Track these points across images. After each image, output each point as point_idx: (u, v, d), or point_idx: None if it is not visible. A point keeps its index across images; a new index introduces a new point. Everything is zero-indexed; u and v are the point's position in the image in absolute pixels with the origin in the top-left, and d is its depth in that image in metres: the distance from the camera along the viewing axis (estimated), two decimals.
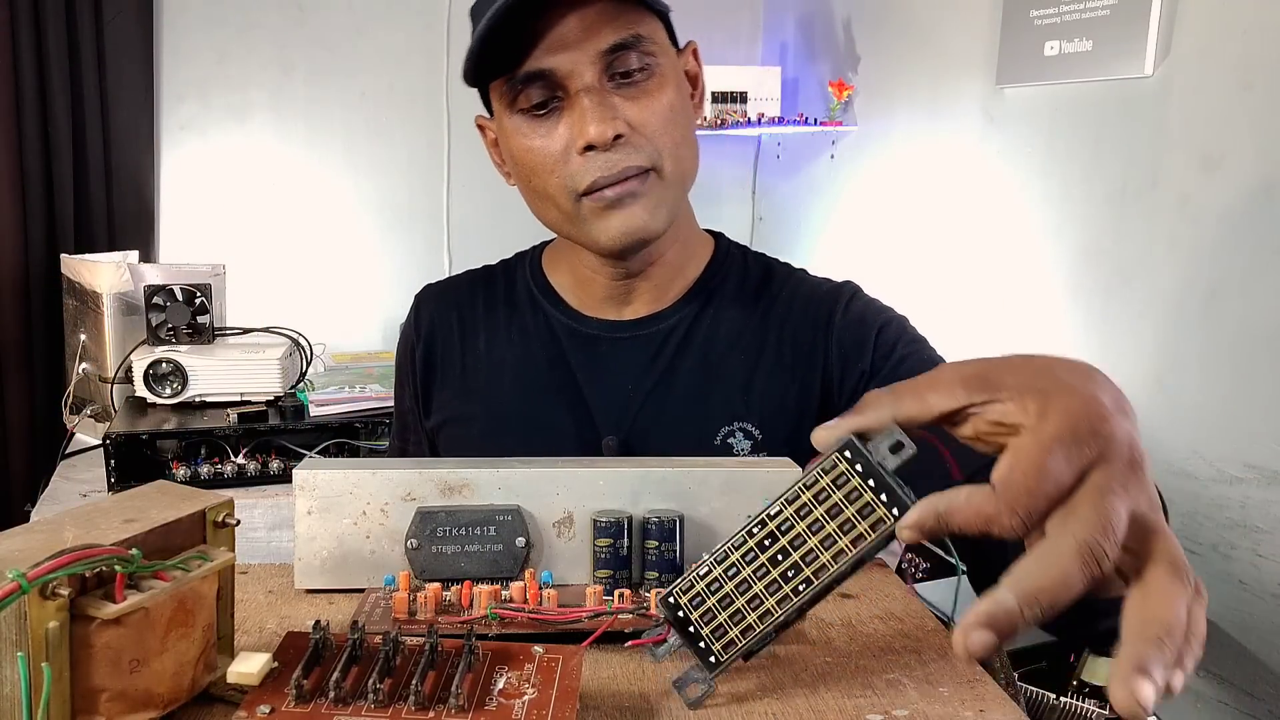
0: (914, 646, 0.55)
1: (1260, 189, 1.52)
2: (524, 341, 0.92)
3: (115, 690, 0.41)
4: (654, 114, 0.79)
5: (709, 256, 0.93)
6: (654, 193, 0.80)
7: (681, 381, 0.87)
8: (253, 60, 2.62)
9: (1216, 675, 1.61)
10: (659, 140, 0.79)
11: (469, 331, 0.95)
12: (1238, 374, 1.56)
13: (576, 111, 0.77)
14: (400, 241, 2.83)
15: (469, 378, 0.93)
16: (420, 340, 0.96)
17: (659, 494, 0.61)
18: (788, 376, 0.87)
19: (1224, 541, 1.58)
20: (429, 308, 0.98)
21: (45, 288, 2.36)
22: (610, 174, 0.77)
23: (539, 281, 0.95)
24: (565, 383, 0.89)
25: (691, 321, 0.89)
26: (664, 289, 0.90)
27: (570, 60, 0.76)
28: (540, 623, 0.54)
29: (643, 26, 0.78)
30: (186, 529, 0.46)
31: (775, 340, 0.88)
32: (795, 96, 2.83)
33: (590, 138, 0.76)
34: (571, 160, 0.78)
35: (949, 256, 2.27)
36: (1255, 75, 1.53)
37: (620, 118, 0.77)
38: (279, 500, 1.60)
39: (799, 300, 0.90)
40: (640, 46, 0.77)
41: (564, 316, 0.92)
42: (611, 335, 0.90)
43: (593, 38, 0.75)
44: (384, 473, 0.61)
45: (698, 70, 0.88)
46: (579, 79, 0.76)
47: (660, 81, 0.79)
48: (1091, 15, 1.81)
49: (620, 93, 0.78)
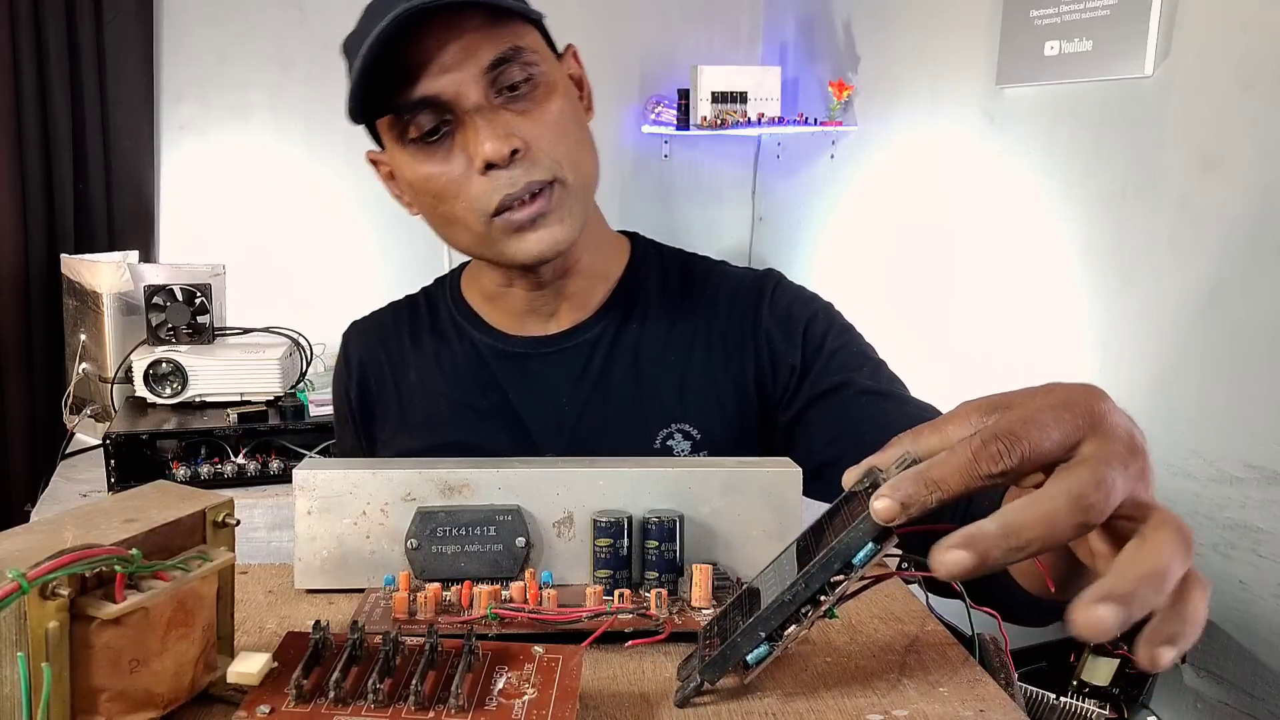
0: (914, 646, 0.55)
1: (1260, 189, 1.52)
2: (454, 369, 0.91)
3: (115, 690, 0.41)
4: (546, 125, 0.78)
5: (626, 259, 0.92)
6: (562, 205, 0.79)
7: (615, 390, 0.87)
8: (253, 60, 2.62)
9: (1216, 675, 1.61)
10: (556, 151, 0.78)
11: (399, 367, 0.93)
12: (1238, 374, 1.56)
13: (470, 132, 0.76)
14: (400, 241, 2.83)
15: (406, 412, 0.92)
16: (354, 381, 0.95)
17: (659, 494, 0.61)
18: (720, 374, 0.86)
19: (1224, 541, 1.58)
20: (357, 346, 0.97)
21: (45, 288, 2.37)
22: (515, 190, 0.77)
23: (460, 306, 0.94)
24: (500, 405, 0.89)
25: (618, 328, 0.89)
26: (585, 298, 0.89)
27: (454, 82, 0.75)
28: (540, 623, 0.54)
29: (520, 38, 0.77)
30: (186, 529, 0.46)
31: (704, 338, 0.88)
32: (795, 96, 2.83)
33: (488, 155, 0.75)
34: (474, 182, 0.77)
35: (949, 256, 2.27)
36: (1255, 75, 1.53)
37: (514, 134, 0.76)
38: (279, 500, 1.60)
39: (723, 295, 0.89)
40: (521, 58, 0.77)
41: (488, 338, 0.91)
42: (539, 351, 0.89)
43: (472, 56, 0.75)
44: (384, 473, 0.61)
45: (580, 72, 0.87)
46: (466, 99, 0.76)
47: (547, 90, 0.79)
48: (1091, 15, 1.81)
49: (510, 108, 0.77)
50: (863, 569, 0.45)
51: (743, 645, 0.47)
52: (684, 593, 0.58)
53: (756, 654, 0.47)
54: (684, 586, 0.59)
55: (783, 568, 0.49)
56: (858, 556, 0.45)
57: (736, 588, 0.60)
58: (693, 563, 0.59)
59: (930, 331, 2.23)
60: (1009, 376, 2.05)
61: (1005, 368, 2.06)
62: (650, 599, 0.56)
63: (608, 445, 0.85)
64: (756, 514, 0.62)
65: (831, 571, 0.45)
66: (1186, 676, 1.66)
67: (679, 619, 0.55)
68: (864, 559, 0.45)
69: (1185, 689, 1.66)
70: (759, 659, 0.47)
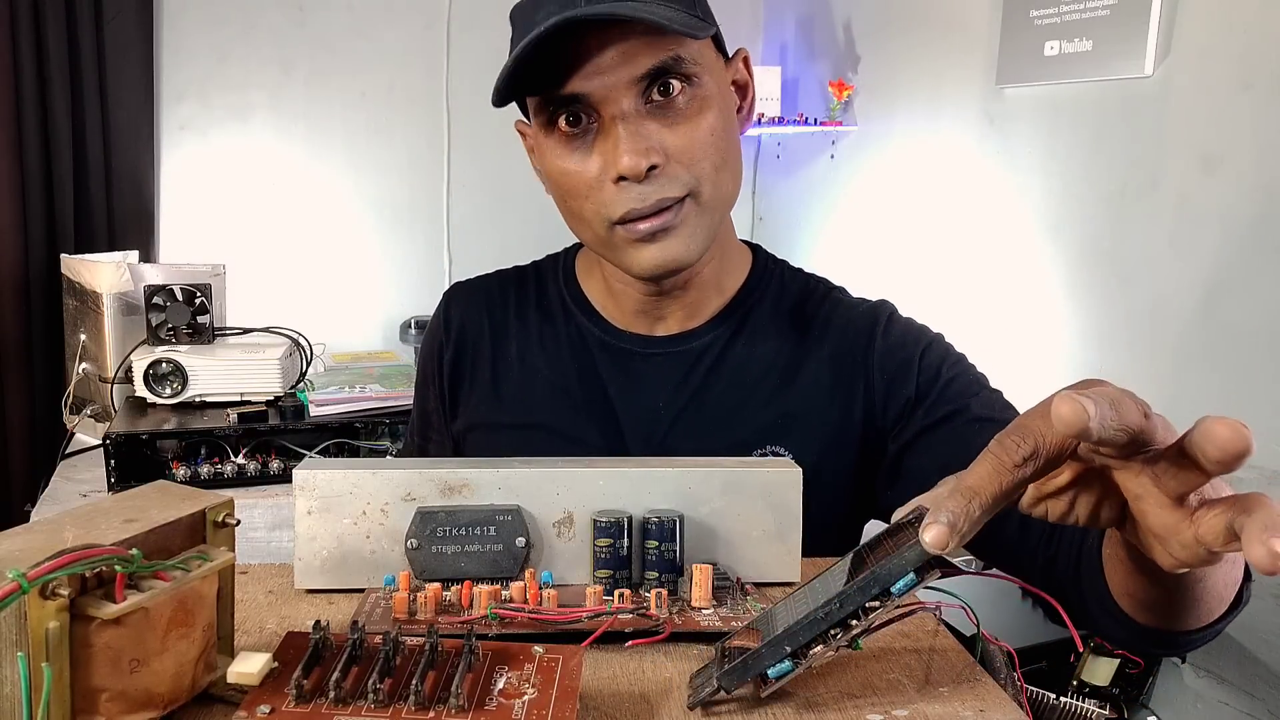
0: (914, 646, 0.55)
1: (1260, 189, 1.52)
2: (556, 351, 0.90)
3: (115, 690, 0.41)
4: (693, 140, 0.76)
5: (746, 272, 0.91)
6: (690, 221, 0.78)
7: (713, 402, 0.86)
8: (253, 60, 2.62)
9: (1216, 675, 1.61)
10: (697, 167, 0.76)
11: (500, 336, 0.93)
12: (1238, 374, 1.56)
13: (610, 139, 0.75)
14: (400, 241, 2.83)
15: (500, 384, 0.91)
16: (450, 341, 0.94)
17: (659, 494, 0.61)
18: (825, 400, 0.85)
19: None
20: (459, 307, 0.96)
21: (45, 288, 2.37)
22: (644, 206, 0.75)
23: (572, 290, 0.93)
24: (597, 397, 0.88)
25: (726, 341, 0.87)
26: (699, 306, 0.88)
27: (604, 86, 0.73)
28: (540, 623, 0.54)
29: (683, 47, 0.74)
30: (186, 529, 0.46)
31: (813, 364, 0.86)
32: (795, 96, 2.83)
33: (623, 169, 0.74)
34: (605, 188, 0.76)
35: (949, 257, 2.27)
36: (1255, 75, 1.53)
37: (655, 146, 0.74)
38: (279, 500, 1.60)
39: (836, 322, 0.88)
40: (680, 69, 0.74)
41: (597, 329, 0.90)
42: (645, 351, 0.88)
43: (629, 63, 0.73)
44: (384, 473, 0.61)
45: (748, 78, 0.85)
46: (614, 105, 0.74)
47: (701, 104, 0.76)
48: (1091, 15, 1.81)
49: (658, 118, 0.75)
50: (899, 599, 0.45)
51: (766, 657, 0.47)
52: (684, 593, 0.58)
53: (778, 669, 0.47)
54: (684, 586, 0.59)
55: (815, 591, 0.48)
56: (897, 585, 0.45)
57: (737, 588, 0.60)
58: (693, 563, 0.59)
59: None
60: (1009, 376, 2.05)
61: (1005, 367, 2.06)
62: (650, 599, 0.56)
63: (698, 456, 0.84)
64: (756, 514, 0.62)
65: (868, 596, 0.45)
66: (1186, 676, 1.65)
67: (679, 619, 0.55)
68: (902, 589, 0.45)
69: (1185, 689, 1.66)
70: (780, 674, 0.47)
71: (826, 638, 0.46)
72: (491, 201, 2.85)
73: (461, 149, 2.81)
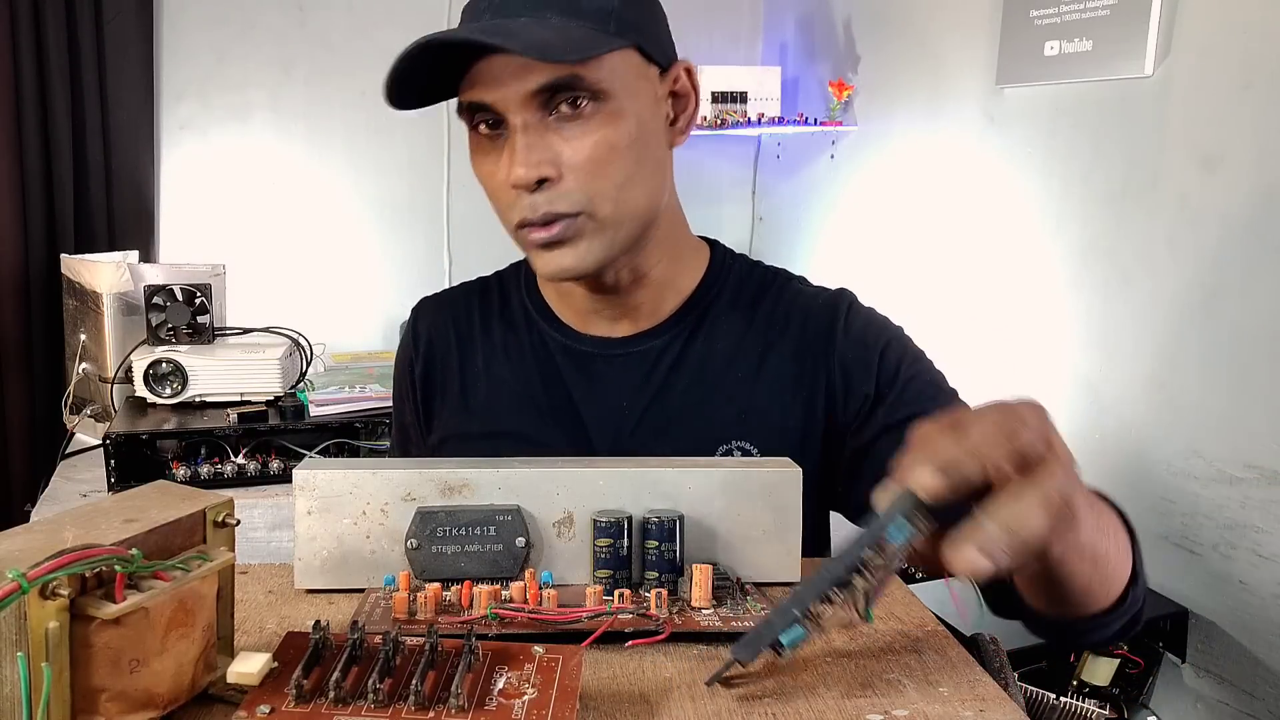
0: (914, 646, 0.55)
1: (1260, 189, 1.52)
2: (520, 359, 0.91)
3: (115, 690, 0.41)
4: (589, 155, 0.75)
5: (703, 269, 0.91)
6: (585, 235, 0.78)
7: (676, 401, 0.86)
8: (253, 60, 2.62)
9: (1216, 675, 1.61)
10: (592, 183, 0.76)
11: (467, 348, 0.94)
12: (1238, 374, 1.56)
13: (510, 147, 0.76)
14: (400, 241, 2.83)
15: (468, 395, 0.93)
16: (419, 356, 0.96)
17: (659, 494, 0.61)
18: (788, 395, 0.85)
19: (1224, 541, 1.58)
20: (427, 321, 0.97)
21: (45, 288, 2.36)
22: (533, 217, 0.76)
23: (533, 297, 0.94)
24: (561, 402, 0.89)
25: (686, 339, 0.88)
26: (656, 306, 0.89)
27: (502, 98, 0.74)
28: (540, 623, 0.54)
29: (585, 66, 0.73)
30: (186, 529, 0.46)
31: (775, 357, 0.87)
32: (795, 96, 2.83)
33: (513, 180, 0.75)
34: (509, 192, 0.77)
35: (949, 257, 2.27)
36: (1255, 75, 1.53)
37: (550, 159, 0.75)
38: (279, 500, 1.60)
39: (796, 314, 0.88)
40: (580, 84, 0.74)
41: (559, 334, 0.91)
42: (605, 353, 0.89)
43: (520, 78, 0.73)
44: (384, 473, 0.61)
45: (690, 89, 0.84)
46: (515, 115, 0.75)
47: (607, 119, 0.76)
48: (1091, 15, 1.81)
49: (561, 129, 0.75)
50: (899, 550, 0.46)
51: (776, 623, 0.47)
52: (684, 593, 0.58)
53: (791, 635, 0.47)
54: (684, 586, 0.59)
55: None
56: (889, 530, 0.45)
57: (736, 588, 0.60)
58: (693, 563, 0.59)
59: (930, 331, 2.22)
60: (1008, 376, 2.05)
61: (1005, 367, 2.06)
62: (650, 599, 0.56)
63: (663, 454, 0.83)
64: (756, 514, 0.62)
65: (861, 547, 0.45)
66: (1186, 676, 1.66)
67: (679, 619, 0.55)
68: (895, 535, 0.45)
69: (1185, 689, 1.66)
70: (793, 640, 0.47)
71: (830, 596, 0.46)
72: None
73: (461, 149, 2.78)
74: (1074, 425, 1.87)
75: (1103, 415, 1.82)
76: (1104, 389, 1.82)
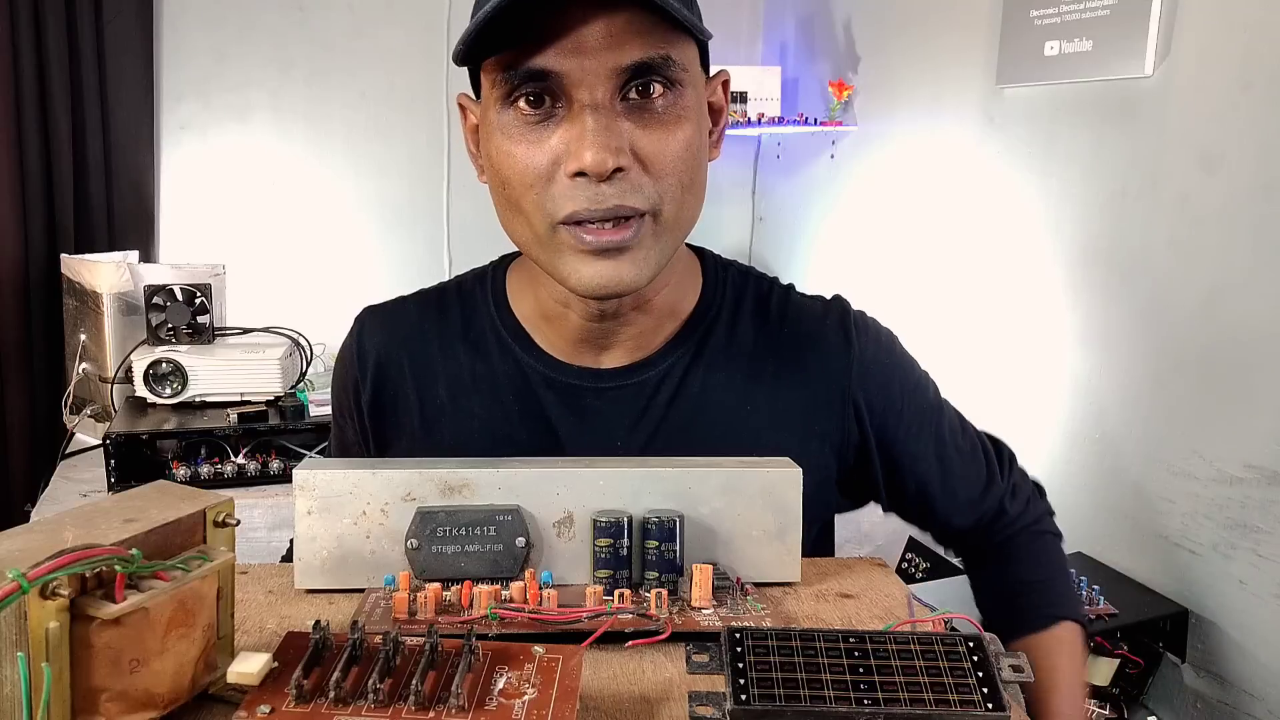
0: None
1: (1260, 189, 1.52)
2: (493, 391, 0.81)
3: (115, 690, 0.41)
4: (668, 149, 0.67)
5: (699, 286, 0.82)
6: (645, 243, 0.69)
7: (678, 437, 0.78)
8: (253, 60, 2.62)
9: (1216, 675, 1.61)
10: (666, 180, 0.68)
11: (425, 375, 0.82)
12: (1238, 374, 1.56)
13: (576, 128, 0.65)
14: (400, 241, 2.83)
15: (432, 431, 0.82)
16: (366, 379, 0.84)
17: (659, 494, 0.61)
18: (798, 424, 0.80)
19: (1224, 541, 1.58)
20: (373, 341, 0.85)
21: (45, 288, 2.37)
22: (597, 209, 0.66)
23: (505, 317, 0.82)
24: (544, 440, 0.79)
25: (685, 368, 0.80)
26: (651, 333, 0.80)
27: (583, 68, 0.64)
28: (540, 623, 0.54)
29: (675, 48, 0.66)
30: (186, 529, 0.46)
31: (782, 384, 0.81)
32: (795, 96, 2.83)
33: (586, 164, 0.64)
34: (556, 180, 0.67)
35: (949, 257, 2.27)
36: (1255, 75, 1.52)
37: (626, 148, 0.66)
38: (279, 500, 1.60)
39: (802, 337, 0.82)
40: (668, 70, 0.66)
41: (539, 364, 0.80)
42: (595, 386, 0.79)
43: (615, 48, 0.64)
44: (384, 473, 0.61)
45: (724, 104, 0.76)
46: (589, 91, 0.65)
47: (681, 113, 0.68)
48: (1091, 15, 1.81)
49: (632, 117, 0.67)
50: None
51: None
52: (684, 593, 0.58)
53: None
54: (684, 586, 0.59)
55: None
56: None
57: (736, 588, 0.60)
58: (693, 563, 0.59)
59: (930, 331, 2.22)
60: (1008, 376, 2.05)
61: (1005, 367, 2.06)
62: (650, 599, 0.56)
63: None
64: (756, 514, 0.62)
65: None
66: (1186, 676, 1.65)
67: (679, 619, 0.55)
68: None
69: (1185, 689, 1.66)
70: None
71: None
72: (491, 201, 2.85)
73: (461, 149, 2.78)
74: (1074, 425, 1.87)
75: (1103, 415, 1.82)
76: (1104, 389, 1.82)
